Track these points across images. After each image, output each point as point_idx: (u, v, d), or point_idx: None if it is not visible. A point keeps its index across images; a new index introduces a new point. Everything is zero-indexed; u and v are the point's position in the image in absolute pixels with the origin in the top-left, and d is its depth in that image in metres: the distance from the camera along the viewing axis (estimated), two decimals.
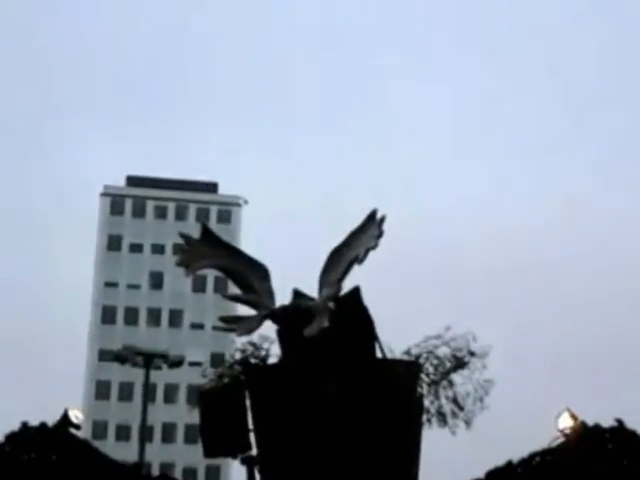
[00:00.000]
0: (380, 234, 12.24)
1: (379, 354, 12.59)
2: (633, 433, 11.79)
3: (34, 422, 12.54)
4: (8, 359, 79.14)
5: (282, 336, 12.62)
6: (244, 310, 13.22)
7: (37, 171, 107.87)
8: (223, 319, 13.52)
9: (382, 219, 12.39)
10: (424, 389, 16.35)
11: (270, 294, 12.67)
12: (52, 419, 12.60)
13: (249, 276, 12.85)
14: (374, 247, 12.21)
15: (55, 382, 67.90)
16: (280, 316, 12.39)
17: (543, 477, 11.58)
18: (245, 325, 13.03)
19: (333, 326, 11.93)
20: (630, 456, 11.60)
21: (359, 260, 12.18)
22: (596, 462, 11.52)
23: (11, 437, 12.27)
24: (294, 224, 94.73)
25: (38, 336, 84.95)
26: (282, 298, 12.72)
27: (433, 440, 14.53)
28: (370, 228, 12.37)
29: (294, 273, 13.59)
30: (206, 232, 13.45)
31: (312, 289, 12.66)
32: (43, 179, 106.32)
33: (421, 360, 16.36)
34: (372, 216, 12.51)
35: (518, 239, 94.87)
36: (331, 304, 12.11)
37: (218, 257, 13.15)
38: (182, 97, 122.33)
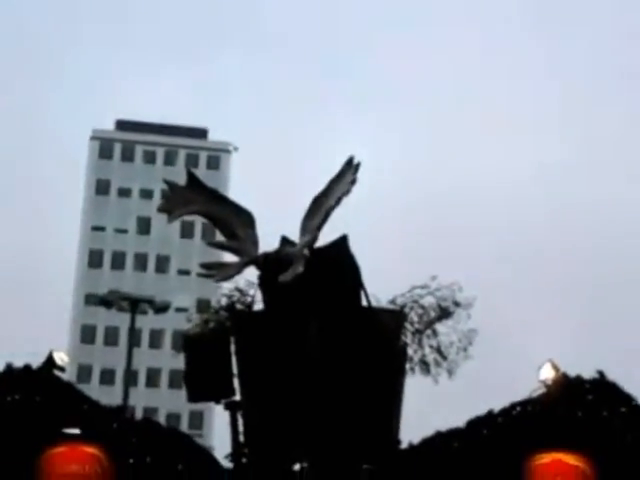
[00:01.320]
0: (354, 180, 12.31)
1: (365, 302, 12.64)
2: (613, 385, 11.89)
3: (19, 364, 12.57)
4: None
5: (262, 283, 12.66)
6: (230, 257, 13.25)
7: (25, 115, 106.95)
8: (203, 265, 13.57)
9: (357, 166, 12.46)
10: (408, 338, 16.41)
11: (254, 241, 12.68)
12: (37, 361, 12.63)
13: (233, 223, 12.85)
14: (347, 193, 12.29)
15: (41, 325, 68.07)
16: (261, 263, 12.42)
17: (523, 427, 11.69)
18: (224, 271, 13.08)
19: (318, 273, 11.98)
20: (610, 407, 11.71)
21: (333, 206, 12.24)
22: (576, 413, 11.63)
23: None
24: (284, 172, 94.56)
25: (24, 278, 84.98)
26: (271, 245, 12.75)
27: (416, 388, 14.64)
28: (346, 175, 12.42)
29: (283, 220, 13.58)
30: (192, 178, 13.42)
31: (297, 237, 12.70)
32: (31, 122, 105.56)
33: (406, 309, 16.39)
34: (349, 163, 12.57)
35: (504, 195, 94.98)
36: (306, 251, 12.15)
37: (202, 203, 13.14)
38: (174, 40, 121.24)
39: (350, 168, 12.47)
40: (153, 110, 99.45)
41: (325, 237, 12.51)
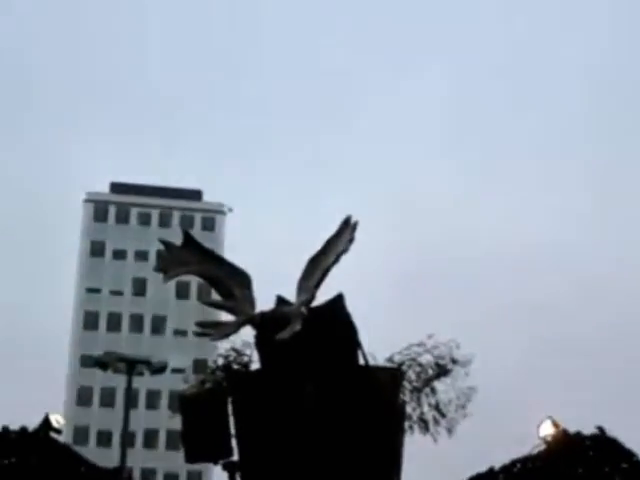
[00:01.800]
0: (352, 239, 12.38)
1: (362, 361, 12.61)
2: (613, 440, 11.84)
3: (15, 426, 12.49)
4: None
5: (259, 342, 12.64)
6: (227, 317, 13.23)
7: (18, 178, 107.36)
8: (200, 324, 13.54)
9: (354, 225, 12.53)
10: (407, 396, 16.36)
11: (251, 301, 12.68)
12: (33, 424, 12.55)
13: (230, 283, 12.85)
14: (345, 251, 12.34)
15: (37, 387, 67.66)
16: (257, 322, 12.41)
17: None
18: (220, 330, 13.07)
19: (314, 332, 11.96)
20: (610, 463, 11.65)
21: (331, 265, 12.28)
22: (577, 469, 11.56)
23: None
24: (279, 233, 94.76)
25: (20, 342, 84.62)
26: (266, 306, 12.74)
27: (415, 447, 14.56)
28: (344, 233, 12.49)
29: (278, 281, 13.58)
30: (188, 239, 13.43)
31: (294, 297, 12.70)
32: (25, 185, 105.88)
33: (404, 367, 16.37)
34: (346, 222, 12.64)
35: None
36: (304, 309, 12.15)
37: (198, 263, 13.15)
38: (166, 104, 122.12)
39: (347, 227, 12.53)
40: (147, 172, 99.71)
41: (321, 296, 12.53)
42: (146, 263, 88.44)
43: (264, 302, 12.76)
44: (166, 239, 13.67)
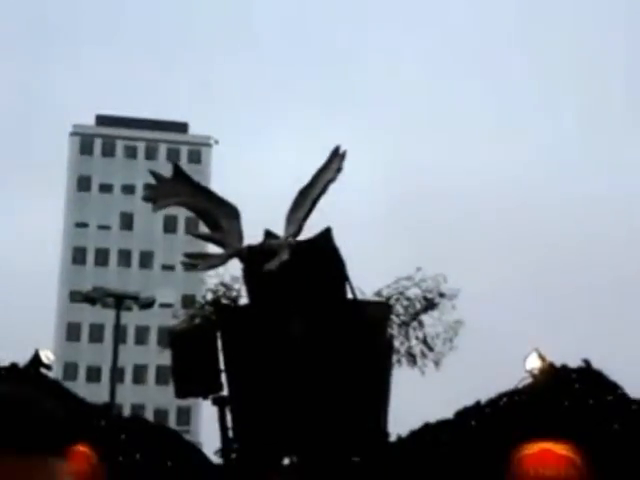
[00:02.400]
0: (340, 169, 12.37)
1: (350, 295, 12.64)
2: (599, 373, 11.93)
3: (4, 362, 12.51)
4: None
5: (247, 275, 12.66)
6: (214, 250, 13.25)
7: (2, 112, 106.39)
8: (187, 255, 13.57)
9: (343, 154, 12.51)
10: (394, 330, 16.45)
11: (239, 234, 12.69)
12: (23, 360, 12.57)
13: (218, 216, 12.86)
14: (333, 180, 12.34)
15: (26, 323, 67.82)
16: (245, 255, 12.42)
17: (511, 417, 11.71)
18: (208, 261, 13.12)
19: (302, 265, 11.98)
20: (595, 396, 11.75)
21: (318, 195, 12.27)
22: (563, 402, 11.66)
23: None
24: (266, 166, 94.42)
25: (8, 278, 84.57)
26: (255, 239, 12.73)
27: (403, 380, 14.67)
28: (332, 163, 12.47)
29: (265, 214, 13.57)
30: (178, 171, 13.44)
31: (282, 230, 12.69)
32: (10, 119, 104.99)
33: (392, 301, 16.44)
34: (335, 152, 12.62)
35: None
36: (292, 239, 12.16)
37: (188, 195, 13.16)
38: (153, 35, 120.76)
39: (336, 157, 12.51)
40: (133, 104, 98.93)
41: (309, 230, 12.52)
42: (133, 197, 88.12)
43: (252, 236, 12.77)
44: (154, 170, 13.68)
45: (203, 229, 13.62)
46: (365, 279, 14.20)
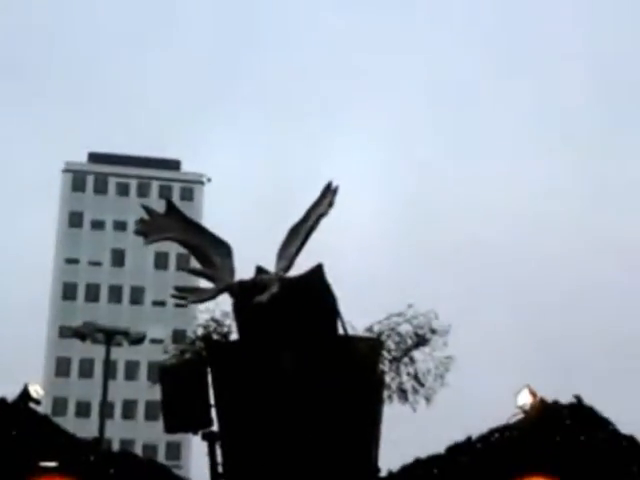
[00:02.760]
0: (331, 203, 12.45)
1: (341, 330, 12.64)
2: (590, 409, 11.94)
3: None
4: None
5: (237, 310, 12.66)
6: (205, 286, 13.24)
7: None
8: (177, 288, 13.59)
9: (335, 189, 12.59)
10: (386, 365, 16.39)
11: (230, 270, 12.71)
12: (12, 395, 12.52)
13: (211, 252, 12.88)
14: (324, 215, 12.41)
15: (15, 358, 67.49)
16: (236, 290, 12.42)
17: (502, 453, 11.70)
18: (197, 295, 13.13)
19: (293, 301, 11.98)
20: (587, 432, 11.76)
21: (310, 230, 12.32)
22: (554, 438, 11.66)
23: None
24: (258, 202, 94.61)
25: None
26: (246, 276, 12.73)
27: (394, 416, 14.63)
28: (324, 199, 12.54)
29: (257, 252, 13.59)
30: (171, 207, 13.50)
31: (273, 266, 12.71)
32: (3, 155, 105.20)
33: (383, 337, 16.36)
34: (327, 187, 12.71)
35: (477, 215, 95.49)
36: (282, 273, 12.19)
37: (180, 231, 13.19)
38: (145, 74, 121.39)
39: (328, 192, 12.60)
40: (125, 142, 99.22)
41: (300, 267, 12.54)
42: (125, 233, 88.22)
43: (244, 273, 12.78)
44: (147, 206, 13.74)
45: (195, 266, 13.65)
46: (356, 315, 14.20)
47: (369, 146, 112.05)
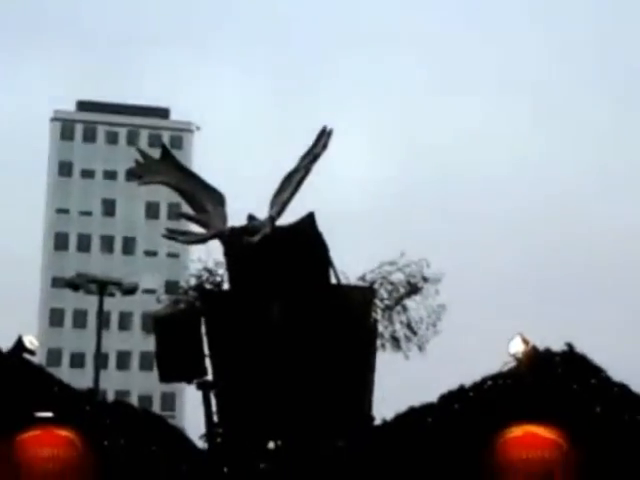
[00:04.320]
0: (325, 145, 12.44)
1: (334, 280, 12.65)
2: (582, 357, 11.99)
3: None
4: None
5: (228, 257, 12.66)
6: (198, 231, 13.28)
7: None
8: (169, 230, 13.62)
9: (329, 133, 12.58)
10: (378, 314, 16.44)
11: (223, 218, 12.71)
12: (6, 346, 12.54)
13: (203, 199, 12.89)
14: (318, 156, 12.41)
15: (9, 310, 67.59)
16: (227, 235, 12.42)
17: (495, 400, 11.77)
18: (189, 236, 13.19)
19: (285, 250, 11.99)
20: (579, 379, 11.82)
21: (303, 175, 12.31)
22: (547, 385, 11.73)
23: None
24: (249, 151, 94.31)
25: None
26: (236, 224, 12.71)
27: (387, 364, 14.70)
28: (319, 142, 12.54)
29: (248, 202, 13.56)
30: (166, 153, 13.55)
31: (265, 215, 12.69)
32: None
33: (375, 286, 16.39)
34: (322, 131, 12.70)
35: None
36: (275, 216, 12.20)
37: (174, 177, 13.20)
38: (134, 20, 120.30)
39: (322, 136, 12.61)
40: (114, 90, 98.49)
41: (293, 215, 12.52)
42: (115, 182, 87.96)
43: (236, 223, 12.76)
44: (141, 149, 13.85)
45: (187, 212, 13.68)
46: (348, 264, 14.20)
47: (361, 90, 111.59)
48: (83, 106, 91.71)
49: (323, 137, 12.63)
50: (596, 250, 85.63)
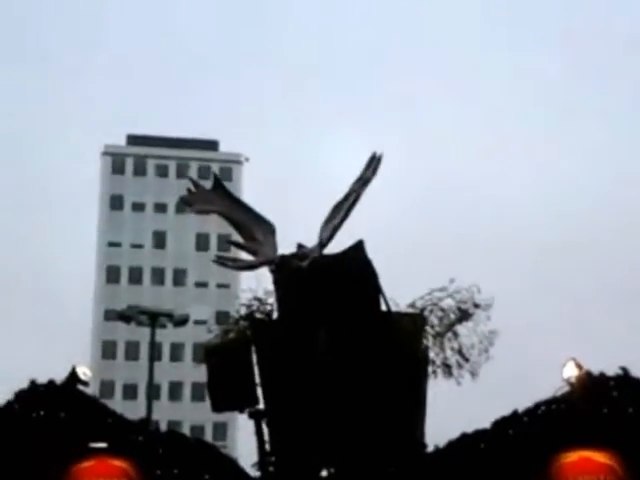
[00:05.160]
0: (376, 170, 12.48)
1: (384, 307, 12.63)
2: (637, 381, 11.84)
3: (42, 380, 12.59)
4: (17, 319, 79.77)
5: (278, 284, 12.70)
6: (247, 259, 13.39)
7: (36, 132, 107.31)
8: (219, 257, 13.76)
9: (379, 158, 12.62)
10: (429, 341, 16.37)
11: (273, 247, 12.79)
12: (60, 378, 12.64)
13: (254, 229, 12.99)
14: (369, 181, 12.46)
15: (62, 343, 68.23)
16: (278, 263, 12.49)
17: (549, 425, 11.66)
18: (241, 262, 13.30)
19: (334, 278, 12.01)
20: (635, 404, 11.67)
21: (355, 200, 12.34)
22: (601, 410, 11.59)
23: (20, 395, 12.32)
24: (297, 184, 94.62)
25: (43, 297, 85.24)
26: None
27: (439, 391, 14.62)
28: (368, 169, 12.58)
29: (296, 233, 13.63)
30: (217, 183, 13.73)
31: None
32: (43, 139, 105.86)
33: (426, 312, 16.33)
34: (372, 158, 12.75)
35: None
36: (324, 241, 12.25)
37: (225, 206, 13.35)
38: (181, 53, 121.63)
39: (372, 162, 12.66)
40: (163, 123, 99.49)
41: (342, 244, 12.55)
42: (165, 215, 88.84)
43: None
44: (193, 179, 14.11)
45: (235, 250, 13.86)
46: (398, 291, 14.18)
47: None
48: (133, 140, 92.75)
49: (373, 162, 12.68)
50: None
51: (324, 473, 12.21)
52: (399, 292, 14.19)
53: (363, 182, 12.50)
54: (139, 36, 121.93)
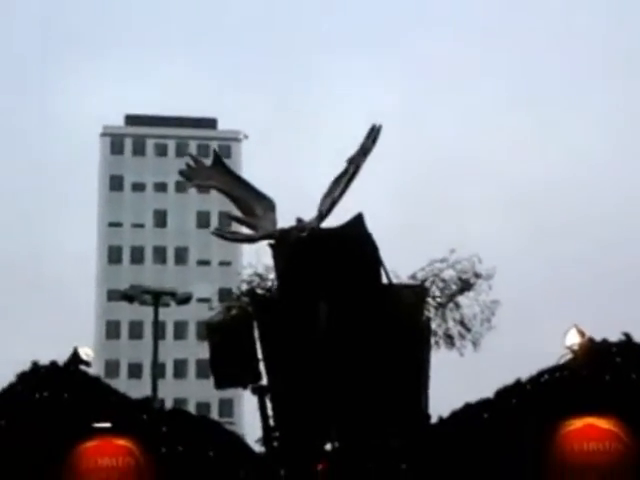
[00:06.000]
0: (375, 139, 12.44)
1: (385, 279, 12.60)
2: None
3: (45, 361, 12.59)
4: (19, 302, 79.90)
5: (277, 257, 12.68)
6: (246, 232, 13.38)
7: (35, 115, 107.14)
8: (219, 229, 13.76)
9: (378, 129, 12.57)
10: (431, 312, 16.37)
11: (272, 222, 12.76)
12: (63, 359, 12.64)
13: (254, 204, 12.98)
14: (369, 151, 12.40)
15: (66, 324, 68.35)
16: (277, 236, 12.48)
17: (552, 394, 11.64)
18: (240, 235, 13.31)
19: (334, 251, 11.98)
20: (638, 370, 11.64)
21: (355, 172, 12.31)
22: (604, 377, 11.57)
23: (22, 376, 12.33)
24: (296, 160, 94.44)
25: (46, 278, 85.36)
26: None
27: (442, 362, 14.64)
28: (368, 139, 12.54)
29: (295, 209, 13.60)
30: (217, 159, 13.70)
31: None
32: (41, 122, 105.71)
33: (427, 284, 16.33)
34: (371, 129, 12.71)
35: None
36: (324, 212, 12.24)
37: (225, 182, 13.33)
38: (178, 34, 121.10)
39: (371, 133, 12.62)
40: (161, 102, 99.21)
41: (341, 217, 12.51)
42: (165, 194, 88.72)
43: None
44: (193, 155, 14.07)
45: (236, 225, 13.81)
46: (398, 263, 14.14)
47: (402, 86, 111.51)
48: (131, 120, 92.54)
49: (372, 133, 12.63)
50: None
51: (328, 447, 12.22)
52: (399, 264, 14.18)
53: (363, 152, 12.45)
54: (137, 14, 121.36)
